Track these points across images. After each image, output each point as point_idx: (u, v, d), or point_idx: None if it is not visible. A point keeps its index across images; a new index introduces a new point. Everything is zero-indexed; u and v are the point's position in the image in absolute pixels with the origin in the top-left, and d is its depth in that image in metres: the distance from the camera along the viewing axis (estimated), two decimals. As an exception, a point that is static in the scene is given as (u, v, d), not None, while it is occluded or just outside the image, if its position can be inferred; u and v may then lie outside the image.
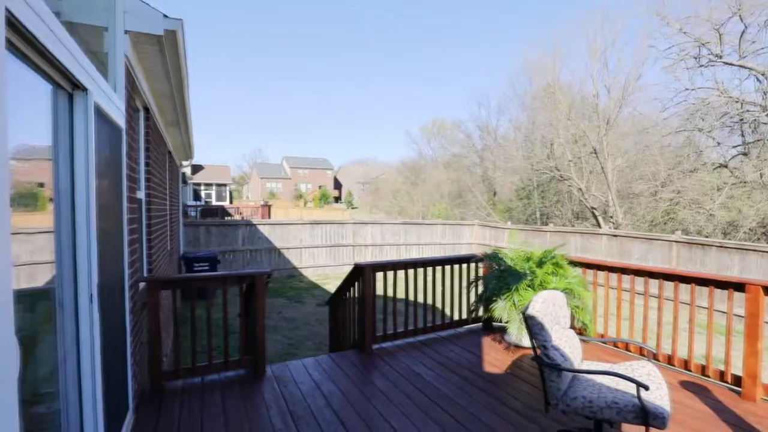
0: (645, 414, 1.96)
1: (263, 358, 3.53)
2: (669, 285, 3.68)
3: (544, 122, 20.19)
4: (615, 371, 2.15)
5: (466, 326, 4.82)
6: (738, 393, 3.18)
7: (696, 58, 15.36)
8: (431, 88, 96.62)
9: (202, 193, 41.20)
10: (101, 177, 2.11)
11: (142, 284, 3.26)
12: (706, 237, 13.26)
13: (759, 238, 13.30)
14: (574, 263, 4.31)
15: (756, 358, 3.09)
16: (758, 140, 14.99)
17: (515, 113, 25.89)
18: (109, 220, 2.31)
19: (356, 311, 4.28)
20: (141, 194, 3.73)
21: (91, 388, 1.92)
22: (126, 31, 2.61)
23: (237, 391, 3.22)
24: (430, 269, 4.61)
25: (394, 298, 4.27)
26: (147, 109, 3.96)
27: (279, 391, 3.24)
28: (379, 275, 4.26)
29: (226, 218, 24.13)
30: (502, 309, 3.79)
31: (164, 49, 3.00)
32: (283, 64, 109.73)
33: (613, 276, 4.14)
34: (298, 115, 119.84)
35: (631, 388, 2.06)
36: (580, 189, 17.50)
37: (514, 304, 3.74)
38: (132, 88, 2.99)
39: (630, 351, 3.95)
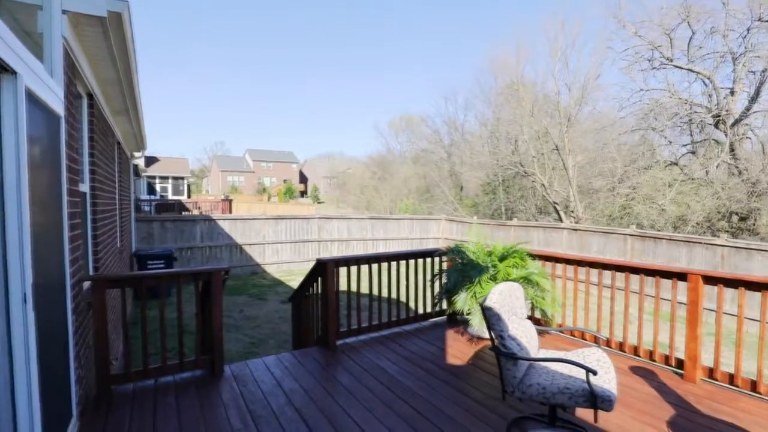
0: (594, 397, 2.04)
1: (221, 358, 3.42)
2: (621, 276, 3.86)
3: (508, 119, 20.69)
4: (567, 358, 2.22)
5: (431, 320, 4.87)
6: (681, 375, 3.39)
7: (650, 61, 16.20)
8: (399, 83, 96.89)
9: (158, 187, 39.24)
10: (36, 168, 1.95)
11: (86, 283, 3.07)
12: (658, 231, 14.05)
13: (704, 232, 14.23)
14: (535, 256, 4.44)
15: (696, 343, 3.29)
16: (704, 140, 16.02)
17: (481, 109, 26.41)
18: (46, 215, 2.15)
19: (319, 308, 4.23)
20: (85, 187, 3.50)
21: (25, 395, 1.78)
22: (64, 11, 2.42)
23: (193, 392, 3.10)
24: (394, 264, 4.61)
25: (358, 293, 4.24)
26: (91, 96, 3.71)
27: (238, 390, 3.15)
28: (344, 271, 4.22)
29: (183, 213, 23.23)
30: (463, 301, 3.85)
31: (108, 32, 2.81)
32: (248, 55, 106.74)
33: (572, 268, 4.30)
34: (263, 108, 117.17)
35: (581, 374, 2.14)
36: (543, 185, 18.09)
37: (476, 296, 3.80)
38: (72, 73, 2.79)
39: (585, 339, 4.12)
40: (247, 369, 3.56)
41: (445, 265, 4.79)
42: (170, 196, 38.28)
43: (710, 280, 3.25)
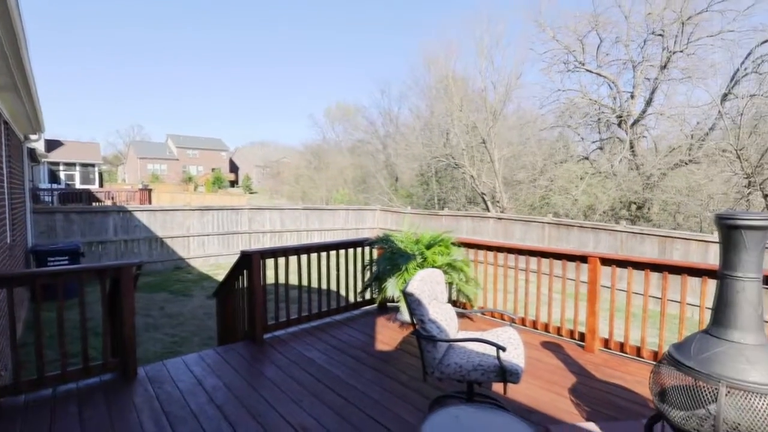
0: (503, 372, 2.21)
1: (133, 360, 3.17)
2: (535, 260, 4.20)
3: (440, 112, 21.36)
4: (481, 338, 2.38)
5: (362, 308, 4.93)
6: (582, 347, 3.79)
7: (565, 64, 17.58)
8: (335, 73, 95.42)
9: (62, 175, 34.62)
10: None
11: (-39, 284, 2.66)
12: (572, 219, 15.45)
13: (609, 219, 15.92)
14: (459, 244, 4.66)
15: (595, 317, 3.70)
16: (610, 137, 17.83)
17: (415, 102, 26.92)
18: None
19: (245, 301, 4.08)
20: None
21: None
22: None
23: (100, 399, 2.85)
24: (324, 254, 4.58)
25: (286, 285, 4.17)
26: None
27: (153, 392, 2.95)
28: (273, 262, 4.12)
29: (93, 204, 21.01)
30: (392, 288, 3.95)
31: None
32: (172, 38, 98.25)
33: (492, 254, 4.59)
34: (189, 92, 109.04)
35: (494, 351, 2.30)
36: (472, 176, 18.99)
37: (404, 283, 3.91)
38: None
39: (504, 320, 4.44)
40: (164, 369, 3.34)
41: (375, 254, 4.86)
42: (78, 185, 34.23)
43: (606, 261, 3.65)
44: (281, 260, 4.18)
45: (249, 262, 3.92)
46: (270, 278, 4.15)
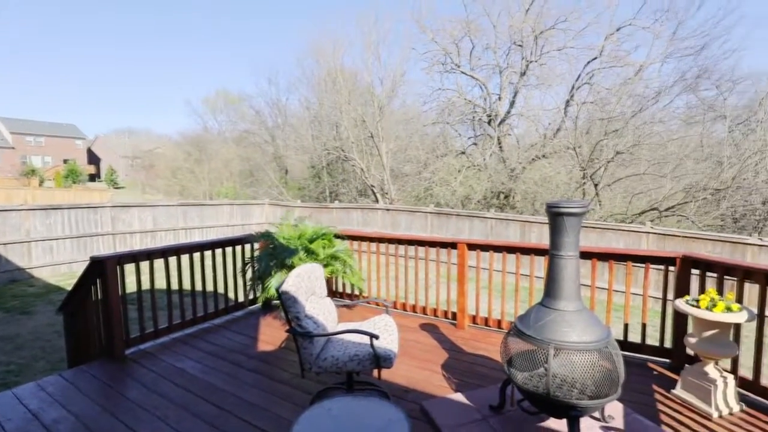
0: (377, 358, 2.31)
1: (-66, 401, 2.51)
2: (413, 249, 4.47)
3: (330, 104, 21.26)
4: (356, 328, 2.44)
5: (245, 309, 4.68)
6: (455, 325, 4.17)
7: (443, 65, 18.93)
8: (213, 57, 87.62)
9: None
10: None
11: None
12: (451, 208, 16.85)
13: (483, 208, 17.77)
14: (343, 236, 4.72)
15: (463, 297, 4.09)
16: (482, 134, 19.83)
17: (305, 93, 26.34)
18: None
19: (101, 314, 3.54)
20: None
21: None
22: None
23: None
24: (209, 253, 4.21)
25: (152, 291, 3.73)
26: None
27: (-35, 438, 2.39)
28: (138, 267, 3.63)
29: None
30: (276, 285, 3.81)
31: None
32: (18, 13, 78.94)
33: (374, 245, 4.74)
34: (29, 69, 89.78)
35: (368, 340, 2.38)
36: (362, 169, 19.38)
37: (287, 280, 3.81)
38: None
39: (396, 308, 4.64)
40: (-17, 408, 2.72)
41: (258, 251, 4.64)
42: None
43: (471, 246, 4.06)
44: (154, 264, 3.72)
45: (102, 269, 3.40)
46: (140, 284, 3.68)
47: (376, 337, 2.26)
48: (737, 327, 2.69)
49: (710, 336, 2.59)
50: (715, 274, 2.96)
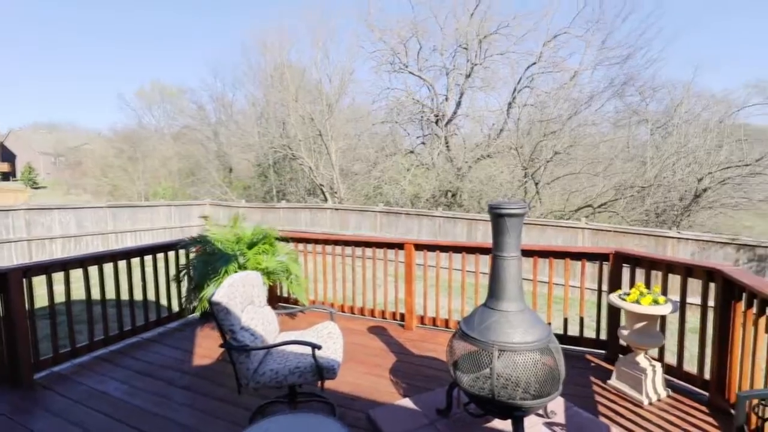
0: (320, 370, 2.18)
1: None
2: (360, 250, 4.37)
3: (277, 101, 20.61)
4: (296, 339, 2.30)
5: (180, 320, 4.33)
6: (403, 326, 4.12)
7: (392, 64, 19.01)
8: (148, 48, 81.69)
9: None
10: None
11: None
12: (401, 207, 16.97)
13: (431, 207, 18.08)
14: (288, 239, 4.52)
15: (411, 298, 4.06)
16: (430, 134, 20.16)
17: (251, 88, 25.29)
18: None
19: (3, 334, 3.09)
20: None
21: None
22: None
23: None
24: (122, 263, 3.81)
25: (68, 304, 3.32)
26: None
27: None
28: (50, 279, 3.21)
29: None
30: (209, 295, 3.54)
31: None
32: None
33: (322, 247, 4.59)
34: None
35: (311, 350, 2.24)
36: (311, 167, 18.98)
37: (225, 287, 3.56)
38: None
39: (344, 311, 4.51)
40: None
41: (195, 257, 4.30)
42: None
43: (419, 247, 4.04)
44: (74, 273, 3.30)
45: (4, 283, 2.96)
46: (52, 298, 3.25)
47: (319, 347, 2.13)
48: (663, 317, 2.87)
49: (640, 327, 2.74)
50: (643, 269, 3.14)
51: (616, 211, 13.31)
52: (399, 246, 4.11)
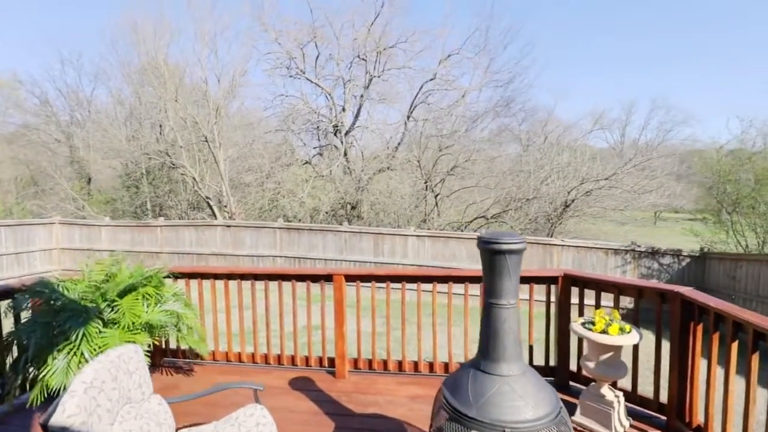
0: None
1: None
2: (275, 284, 3.55)
3: (151, 100, 17.85)
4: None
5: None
6: (333, 374, 3.43)
7: (288, 69, 18.00)
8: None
9: None
10: None
11: None
12: (300, 221, 15.97)
13: (331, 220, 17.43)
14: (177, 274, 3.48)
15: (343, 340, 3.40)
16: (328, 144, 19.57)
17: (118, 83, 21.50)
18: None
19: None
20: None
21: None
22: None
23: None
24: None
25: None
26: None
27: None
28: None
29: None
30: (61, 374, 2.39)
31: None
32: None
33: (224, 282, 3.63)
34: None
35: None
36: (194, 178, 16.78)
37: (86, 360, 2.44)
38: None
39: (256, 362, 3.60)
40: None
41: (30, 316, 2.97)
42: None
43: (349, 278, 3.40)
44: None
45: None
46: None
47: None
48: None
49: (607, 359, 2.54)
50: (592, 290, 3.02)
51: (506, 222, 14.40)
52: (326, 278, 3.42)
